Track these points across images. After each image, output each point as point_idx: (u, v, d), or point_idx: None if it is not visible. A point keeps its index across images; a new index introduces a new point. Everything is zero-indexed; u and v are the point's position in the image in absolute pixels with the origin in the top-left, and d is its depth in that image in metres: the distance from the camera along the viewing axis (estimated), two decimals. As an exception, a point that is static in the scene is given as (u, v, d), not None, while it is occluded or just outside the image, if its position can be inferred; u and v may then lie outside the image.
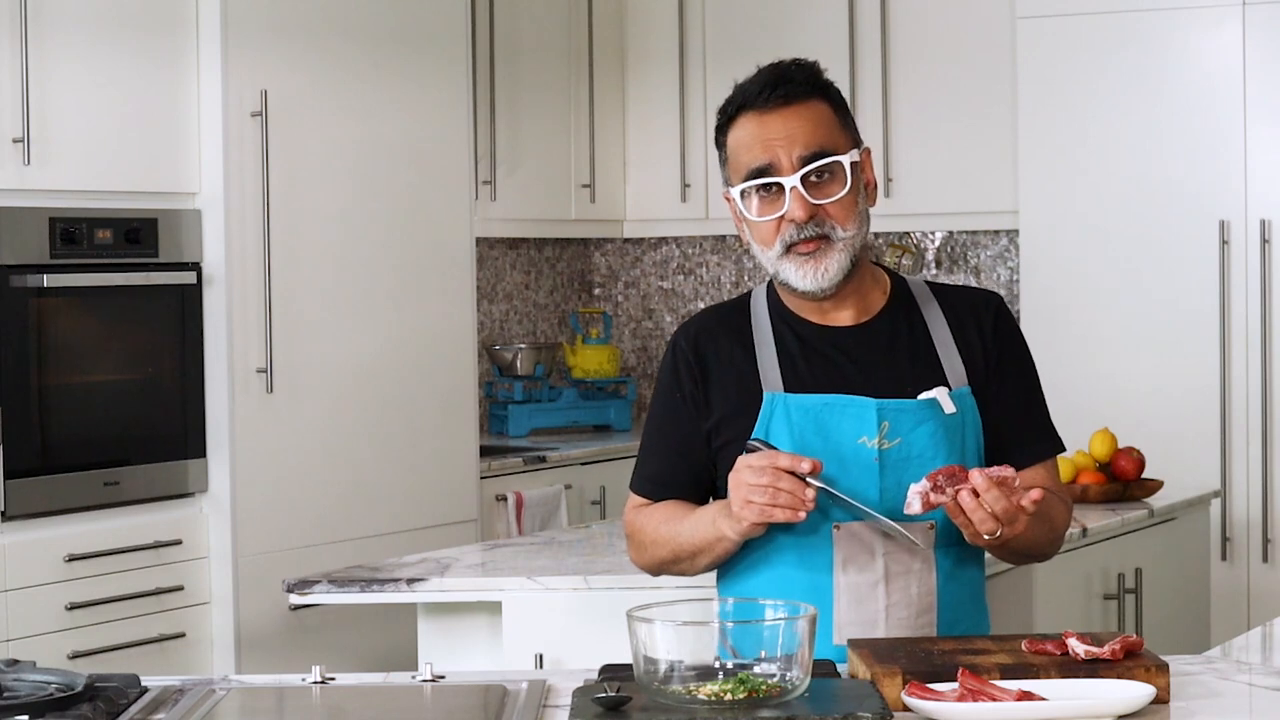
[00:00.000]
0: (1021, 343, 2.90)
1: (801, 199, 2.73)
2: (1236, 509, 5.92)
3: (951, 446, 2.77)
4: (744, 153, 2.77)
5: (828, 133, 2.76)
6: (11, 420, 4.71)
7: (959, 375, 2.81)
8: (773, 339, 2.83)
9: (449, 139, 5.79)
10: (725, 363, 2.84)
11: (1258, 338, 5.88)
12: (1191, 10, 5.92)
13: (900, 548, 2.76)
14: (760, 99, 2.75)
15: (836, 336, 2.83)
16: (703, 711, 2.34)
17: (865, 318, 2.84)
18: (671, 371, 2.88)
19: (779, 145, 2.73)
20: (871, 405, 2.76)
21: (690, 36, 6.85)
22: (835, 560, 2.77)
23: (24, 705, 2.40)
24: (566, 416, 6.74)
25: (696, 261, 7.25)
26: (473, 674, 2.75)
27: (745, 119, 2.77)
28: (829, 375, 2.80)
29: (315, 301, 5.36)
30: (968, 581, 2.85)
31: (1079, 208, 6.08)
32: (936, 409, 2.77)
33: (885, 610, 2.77)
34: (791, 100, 2.75)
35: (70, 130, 4.83)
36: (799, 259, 2.75)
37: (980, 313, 2.87)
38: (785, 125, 2.74)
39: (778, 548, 2.79)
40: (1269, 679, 2.67)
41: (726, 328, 2.87)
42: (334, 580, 3.81)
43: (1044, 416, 2.92)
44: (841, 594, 2.76)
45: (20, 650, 4.57)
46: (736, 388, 2.82)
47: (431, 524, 5.68)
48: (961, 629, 2.82)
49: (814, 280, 2.76)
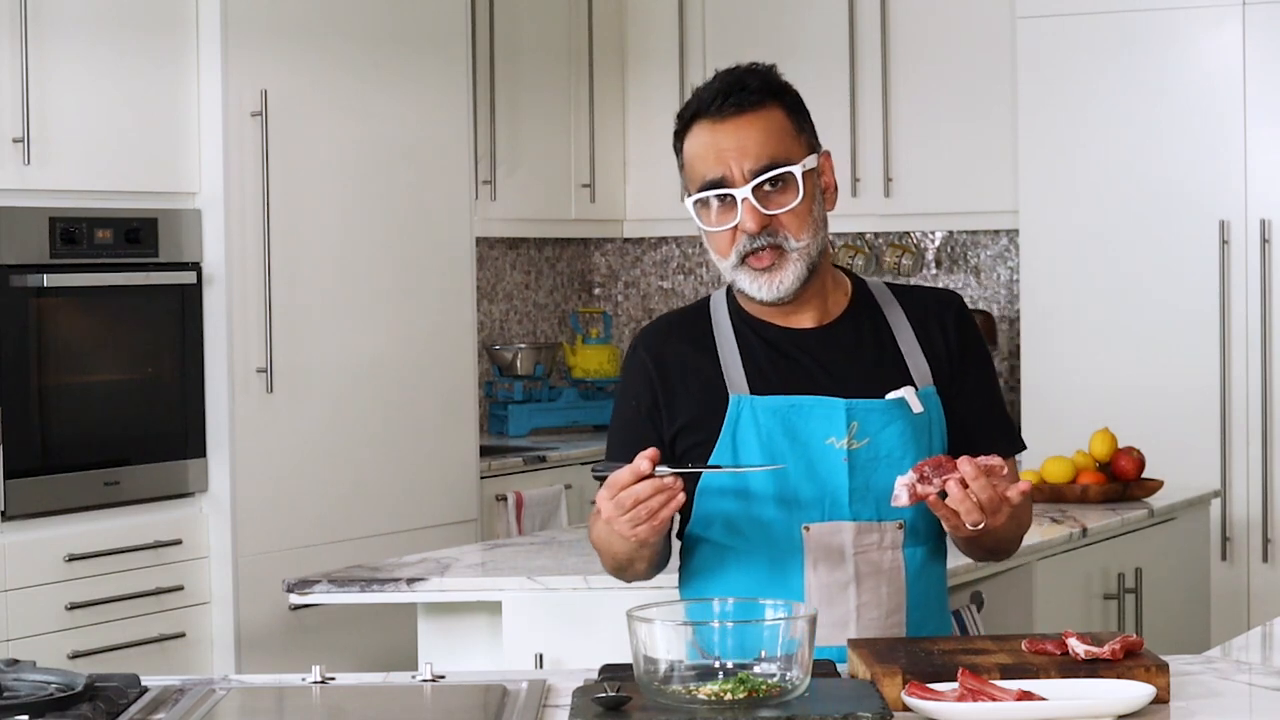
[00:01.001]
0: (982, 342, 2.90)
1: (753, 210, 2.72)
2: (1236, 509, 5.92)
3: (920, 446, 2.77)
4: (698, 163, 2.75)
5: (779, 141, 2.74)
6: (11, 420, 4.71)
7: (924, 374, 2.81)
8: (735, 342, 2.82)
9: (449, 139, 5.79)
10: (689, 368, 2.82)
11: (1258, 338, 5.88)
12: (1191, 10, 5.92)
13: (869, 547, 2.76)
14: (713, 107, 2.73)
15: (800, 339, 2.82)
16: (703, 711, 2.34)
17: (827, 320, 2.83)
18: (630, 380, 2.86)
19: (731, 156, 2.72)
20: (840, 405, 2.75)
21: (690, 36, 6.85)
22: (805, 561, 2.76)
23: (24, 705, 2.40)
24: (566, 416, 6.74)
25: (696, 261, 7.25)
26: (473, 674, 2.75)
27: (699, 128, 2.75)
28: (795, 377, 2.78)
29: (315, 301, 5.36)
30: (934, 581, 2.85)
31: (1079, 208, 6.08)
32: (905, 409, 2.77)
33: (856, 610, 2.76)
34: (744, 109, 2.73)
35: (70, 130, 4.83)
36: (753, 272, 2.75)
37: (942, 312, 2.86)
38: (737, 135, 2.72)
39: (747, 548, 2.78)
40: (1269, 679, 2.67)
41: (687, 333, 2.86)
42: (334, 580, 3.81)
43: (1005, 415, 2.91)
44: (813, 595, 2.75)
45: (20, 650, 4.57)
46: (701, 392, 2.80)
47: (431, 524, 5.68)
48: (929, 629, 2.82)
49: (769, 291, 2.75)
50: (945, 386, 2.82)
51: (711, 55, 6.79)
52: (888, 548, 2.77)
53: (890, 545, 2.77)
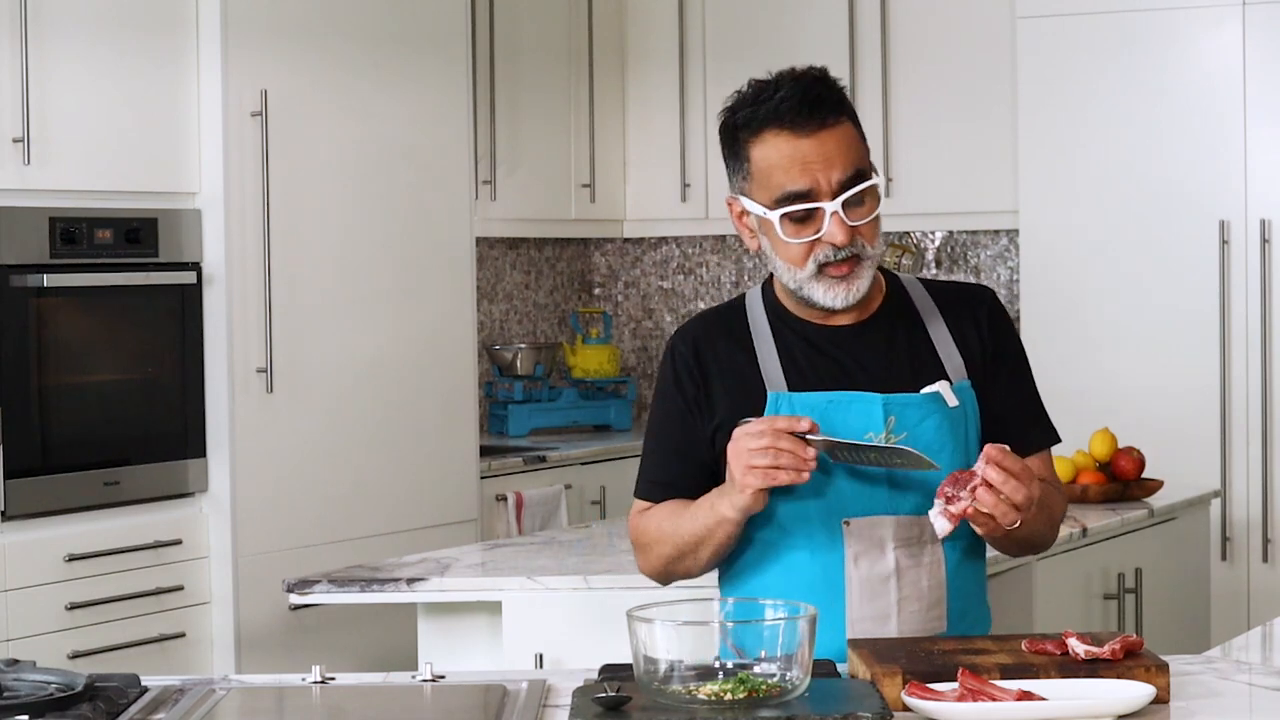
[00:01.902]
0: (1015, 336, 2.94)
1: (842, 224, 2.75)
2: (1236, 509, 5.92)
3: (956, 439, 2.80)
4: (779, 174, 2.75)
5: (858, 153, 2.78)
6: (11, 420, 4.71)
7: (958, 369, 2.85)
8: (772, 339, 2.85)
9: (449, 139, 5.79)
10: (726, 365, 2.85)
11: (1258, 338, 5.88)
12: (1191, 10, 5.92)
13: (909, 541, 2.78)
14: (792, 118, 2.74)
15: (836, 335, 2.85)
16: (703, 711, 2.34)
17: (864, 317, 2.86)
18: (671, 376, 2.89)
19: (817, 169, 2.74)
20: (877, 400, 2.78)
21: (690, 36, 6.85)
22: (846, 555, 2.78)
23: (24, 705, 2.40)
24: (566, 416, 6.74)
25: (696, 261, 7.25)
26: (473, 674, 2.75)
27: (776, 137, 2.75)
28: (832, 373, 2.82)
29: (315, 301, 5.36)
30: (973, 573, 2.88)
31: (1079, 207, 6.08)
32: (940, 402, 2.80)
33: (897, 604, 2.78)
34: (825, 123, 2.75)
35: (70, 130, 4.83)
36: (831, 280, 2.78)
37: (975, 307, 2.91)
38: (822, 148, 2.74)
39: (788, 543, 2.80)
40: (1269, 679, 2.67)
41: (724, 330, 2.89)
42: (334, 580, 3.81)
43: (1039, 407, 2.95)
44: (854, 589, 2.78)
45: (20, 650, 4.57)
46: (739, 389, 2.83)
47: (431, 524, 5.68)
48: (969, 620, 2.85)
49: (845, 298, 2.79)
50: (979, 380, 2.86)
51: (711, 55, 6.80)
52: (928, 541, 2.79)
53: (930, 539, 2.79)
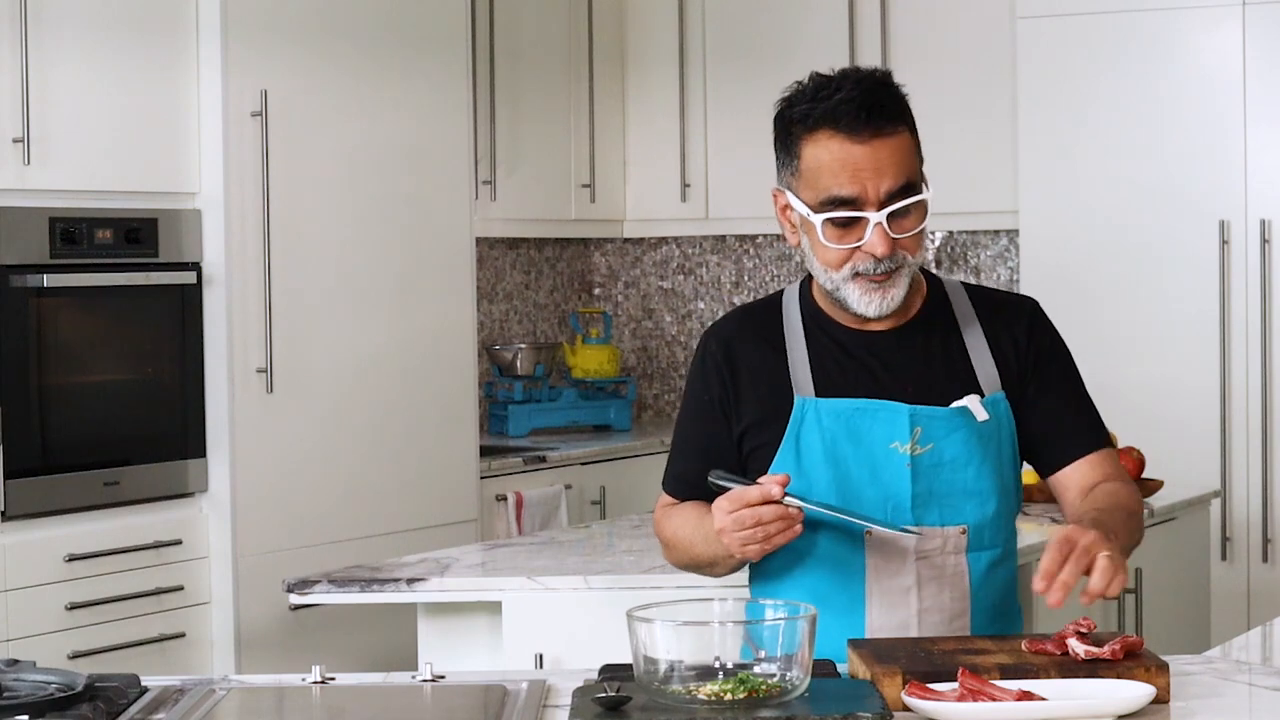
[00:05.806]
0: (1059, 343, 2.90)
1: (885, 236, 2.69)
2: (1236, 509, 5.92)
3: (986, 452, 2.78)
4: (827, 176, 2.69)
5: (911, 165, 2.72)
6: (11, 420, 4.71)
7: (992, 381, 2.81)
8: (805, 341, 2.82)
9: (449, 139, 5.79)
10: (757, 366, 2.83)
11: (1258, 338, 5.88)
12: (1191, 10, 5.92)
13: (931, 552, 2.76)
14: (849, 122, 2.68)
15: (871, 341, 2.81)
16: (703, 711, 2.34)
17: (901, 322, 2.82)
18: (701, 375, 2.87)
19: (867, 177, 2.68)
20: (904, 410, 2.75)
21: (690, 36, 6.85)
22: (867, 566, 2.77)
23: (24, 705, 2.40)
24: (566, 416, 6.73)
25: (696, 261, 7.25)
26: (473, 674, 2.75)
27: (830, 139, 2.69)
28: (861, 380, 2.79)
29: (315, 301, 5.36)
30: (1000, 585, 2.84)
31: (1079, 208, 6.08)
32: (969, 417, 2.77)
33: (918, 615, 2.77)
34: (883, 131, 2.69)
35: (70, 130, 4.83)
36: (867, 286, 2.72)
37: (1014, 319, 2.87)
38: (875, 157, 2.68)
39: (812, 555, 2.79)
40: (1269, 679, 2.67)
41: (757, 329, 2.86)
42: (334, 580, 3.81)
43: (1090, 411, 2.90)
44: (874, 599, 2.77)
45: (20, 650, 4.57)
46: (768, 391, 2.81)
47: (431, 524, 5.68)
48: (997, 628, 2.82)
49: (880, 307, 2.74)
50: (1015, 392, 2.82)
51: (711, 55, 6.80)
52: (950, 552, 2.77)
53: (953, 550, 2.77)
